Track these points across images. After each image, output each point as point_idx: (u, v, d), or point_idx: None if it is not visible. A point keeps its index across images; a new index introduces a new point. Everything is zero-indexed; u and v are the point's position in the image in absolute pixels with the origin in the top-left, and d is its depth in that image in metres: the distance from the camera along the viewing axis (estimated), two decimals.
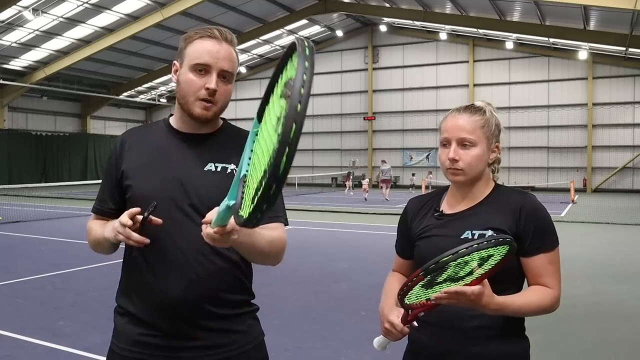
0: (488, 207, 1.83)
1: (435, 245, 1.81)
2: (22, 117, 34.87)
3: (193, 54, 1.72)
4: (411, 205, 2.04)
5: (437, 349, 1.79)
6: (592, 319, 6.00)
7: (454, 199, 1.91)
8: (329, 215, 17.09)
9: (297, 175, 33.93)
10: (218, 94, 1.72)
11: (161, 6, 25.19)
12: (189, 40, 1.75)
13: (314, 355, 4.81)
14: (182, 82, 1.75)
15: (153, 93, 40.15)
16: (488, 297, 1.58)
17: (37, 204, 20.08)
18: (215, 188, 1.69)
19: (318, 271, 8.49)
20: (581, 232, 13.32)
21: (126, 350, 1.76)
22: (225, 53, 1.72)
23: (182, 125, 1.82)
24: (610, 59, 29.64)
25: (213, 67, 1.70)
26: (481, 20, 26.94)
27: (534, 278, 1.78)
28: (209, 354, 1.74)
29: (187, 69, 1.73)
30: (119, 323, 1.81)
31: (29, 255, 9.72)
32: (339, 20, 33.76)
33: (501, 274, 1.63)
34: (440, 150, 1.89)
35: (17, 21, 24.57)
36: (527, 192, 1.87)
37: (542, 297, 1.75)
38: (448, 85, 33.61)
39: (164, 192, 1.72)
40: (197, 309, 1.72)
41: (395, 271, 2.08)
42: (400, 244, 2.05)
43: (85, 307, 6.28)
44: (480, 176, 1.86)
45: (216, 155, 1.79)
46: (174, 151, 1.79)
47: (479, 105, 1.89)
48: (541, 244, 1.76)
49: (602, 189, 30.54)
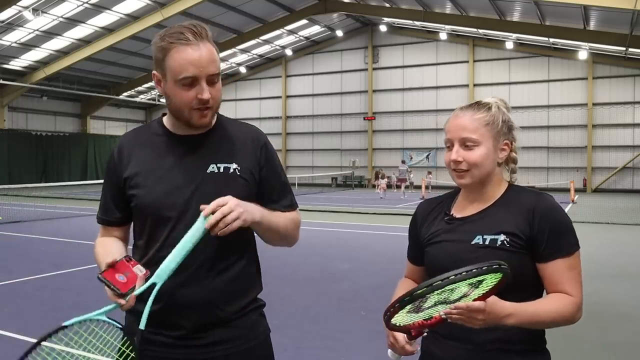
0: (499, 210, 1.72)
1: (445, 251, 1.73)
2: (22, 117, 34.87)
3: (176, 69, 1.64)
4: (420, 209, 1.93)
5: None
6: (593, 319, 5.99)
7: (465, 201, 1.81)
8: (329, 215, 17.08)
9: (297, 175, 33.91)
10: (211, 98, 1.69)
11: (161, 6, 25.19)
12: (165, 50, 1.67)
13: (314, 356, 4.81)
14: (171, 97, 1.70)
15: (153, 93, 40.15)
16: (499, 308, 1.47)
17: (37, 204, 20.08)
18: (220, 188, 1.69)
19: (318, 271, 8.48)
20: (581, 232, 13.18)
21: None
22: (207, 57, 1.65)
23: (177, 128, 1.80)
24: (610, 59, 29.63)
25: (200, 77, 1.65)
26: (481, 20, 26.93)
27: (551, 285, 1.65)
28: (216, 350, 1.74)
29: (172, 83, 1.67)
30: (128, 321, 1.81)
31: (29, 255, 9.71)
32: (339, 20, 33.75)
33: (516, 282, 1.52)
34: (445, 151, 1.79)
35: (17, 21, 24.56)
36: (541, 192, 1.75)
37: (560, 304, 1.61)
38: (448, 85, 33.59)
39: (170, 199, 1.70)
40: (207, 309, 1.72)
41: (407, 277, 1.99)
42: (411, 249, 1.94)
43: (86, 307, 6.25)
44: (489, 177, 1.75)
45: (216, 155, 1.77)
46: (174, 156, 1.76)
47: (486, 102, 1.78)
48: (558, 248, 1.63)
49: (602, 189, 30.53)
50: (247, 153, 1.81)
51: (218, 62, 1.71)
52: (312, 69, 37.58)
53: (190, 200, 1.71)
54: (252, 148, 1.82)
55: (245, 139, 1.83)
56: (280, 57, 37.75)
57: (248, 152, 1.81)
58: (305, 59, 37.70)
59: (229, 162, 1.76)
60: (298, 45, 36.46)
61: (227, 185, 1.72)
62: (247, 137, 1.84)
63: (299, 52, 37.24)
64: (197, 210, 1.60)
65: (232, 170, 1.75)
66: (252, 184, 1.79)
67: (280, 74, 38.43)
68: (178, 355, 1.74)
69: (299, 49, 36.98)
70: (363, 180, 36.02)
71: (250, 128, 1.89)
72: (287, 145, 38.20)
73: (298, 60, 37.77)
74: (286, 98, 38.45)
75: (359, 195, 26.96)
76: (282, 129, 38.17)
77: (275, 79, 38.69)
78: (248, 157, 1.80)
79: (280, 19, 30.30)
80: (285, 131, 38.29)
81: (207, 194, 1.67)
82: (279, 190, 1.87)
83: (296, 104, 38.25)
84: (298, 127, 38.26)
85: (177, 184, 1.72)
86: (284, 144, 38.12)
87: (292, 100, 38.43)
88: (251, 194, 1.77)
